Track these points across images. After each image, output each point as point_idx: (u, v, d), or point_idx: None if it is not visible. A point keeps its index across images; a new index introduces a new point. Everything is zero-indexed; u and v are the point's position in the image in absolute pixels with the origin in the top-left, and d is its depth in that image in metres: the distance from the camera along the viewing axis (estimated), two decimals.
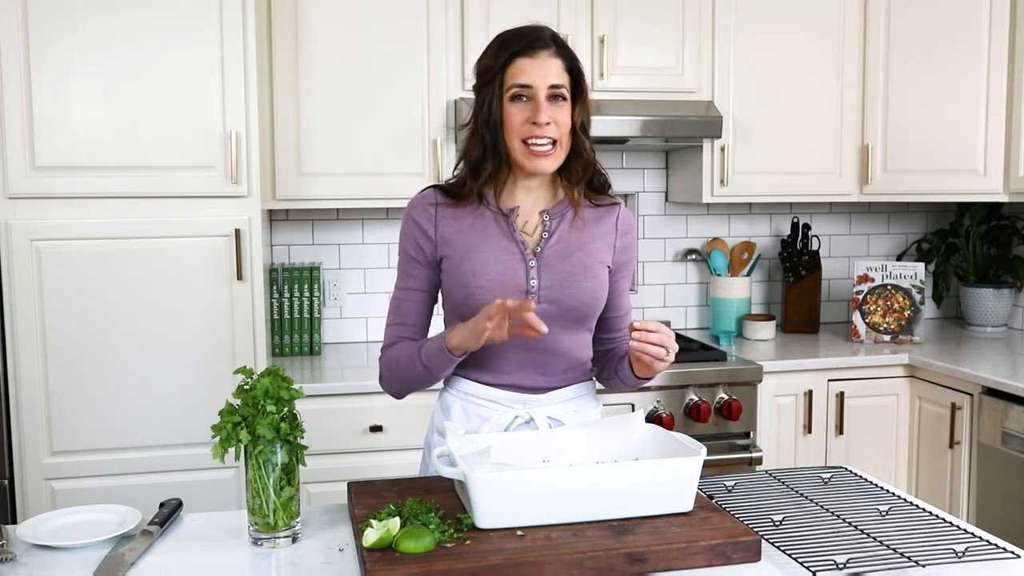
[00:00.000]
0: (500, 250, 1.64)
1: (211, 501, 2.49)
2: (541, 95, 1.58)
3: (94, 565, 1.32)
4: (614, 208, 1.75)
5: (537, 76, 1.58)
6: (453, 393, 1.72)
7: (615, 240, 1.72)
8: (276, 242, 3.17)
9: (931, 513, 1.50)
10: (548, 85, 1.58)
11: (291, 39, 2.78)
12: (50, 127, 2.41)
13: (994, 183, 3.04)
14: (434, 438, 1.75)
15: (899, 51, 3.13)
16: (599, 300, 1.69)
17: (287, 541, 1.40)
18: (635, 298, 3.46)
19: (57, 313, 2.45)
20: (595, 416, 1.75)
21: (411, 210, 1.69)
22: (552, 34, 1.62)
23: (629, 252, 1.76)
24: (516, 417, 1.66)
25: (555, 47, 1.60)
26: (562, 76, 1.60)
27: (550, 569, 1.25)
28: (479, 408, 1.68)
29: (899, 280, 3.21)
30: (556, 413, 1.68)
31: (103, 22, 2.42)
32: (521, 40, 1.59)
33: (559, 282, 1.64)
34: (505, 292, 1.60)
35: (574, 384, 1.72)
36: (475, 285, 1.62)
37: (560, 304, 1.64)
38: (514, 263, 1.63)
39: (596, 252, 1.69)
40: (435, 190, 1.70)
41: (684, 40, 3.03)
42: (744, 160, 3.12)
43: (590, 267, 1.67)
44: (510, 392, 1.67)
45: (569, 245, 1.67)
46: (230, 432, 1.36)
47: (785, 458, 2.91)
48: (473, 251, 1.64)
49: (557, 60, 1.60)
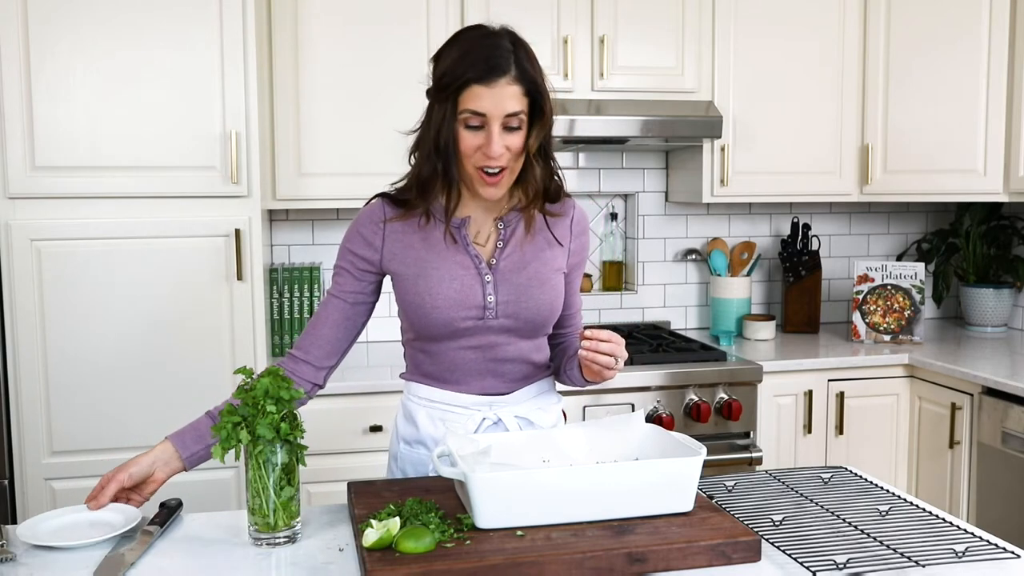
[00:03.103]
0: (455, 265, 1.61)
1: (211, 501, 2.48)
2: (495, 125, 1.50)
3: (94, 565, 1.32)
4: (567, 210, 1.71)
5: (492, 105, 1.49)
6: (415, 400, 1.70)
7: (570, 243, 1.71)
8: (276, 242, 3.17)
9: (931, 513, 1.50)
10: (504, 114, 1.50)
11: (291, 39, 2.78)
12: (50, 127, 2.41)
13: (994, 183, 3.04)
14: (400, 447, 1.74)
15: (899, 51, 3.13)
16: (556, 310, 1.68)
17: (287, 541, 1.40)
18: (635, 298, 3.46)
19: (57, 313, 2.45)
20: (557, 411, 1.76)
21: (358, 225, 1.66)
22: (513, 50, 1.51)
23: (583, 252, 1.75)
24: (484, 419, 1.66)
25: (515, 70, 1.50)
26: (520, 102, 1.51)
27: (550, 569, 1.25)
28: (444, 413, 1.67)
29: (899, 280, 3.21)
30: (523, 412, 1.69)
31: (103, 22, 2.42)
32: (478, 66, 1.48)
33: (515, 296, 1.62)
34: (460, 309, 1.59)
35: (535, 382, 1.72)
36: (430, 305, 1.60)
37: (517, 318, 1.63)
38: (469, 279, 1.61)
39: (551, 260, 1.67)
40: (383, 202, 1.65)
41: (684, 40, 3.04)
42: (744, 160, 3.12)
43: (546, 278, 1.65)
44: (474, 396, 1.67)
45: (525, 255, 1.64)
46: (230, 432, 1.36)
47: (785, 458, 2.91)
48: (426, 268, 1.60)
49: (515, 87, 1.50)
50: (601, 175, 3.40)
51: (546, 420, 1.73)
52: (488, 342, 1.63)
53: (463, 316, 1.60)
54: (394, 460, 1.76)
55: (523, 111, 1.52)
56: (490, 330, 1.62)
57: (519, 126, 1.53)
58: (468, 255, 1.62)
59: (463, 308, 1.60)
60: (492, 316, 1.61)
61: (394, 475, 1.75)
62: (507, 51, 1.51)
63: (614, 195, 3.47)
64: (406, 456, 1.72)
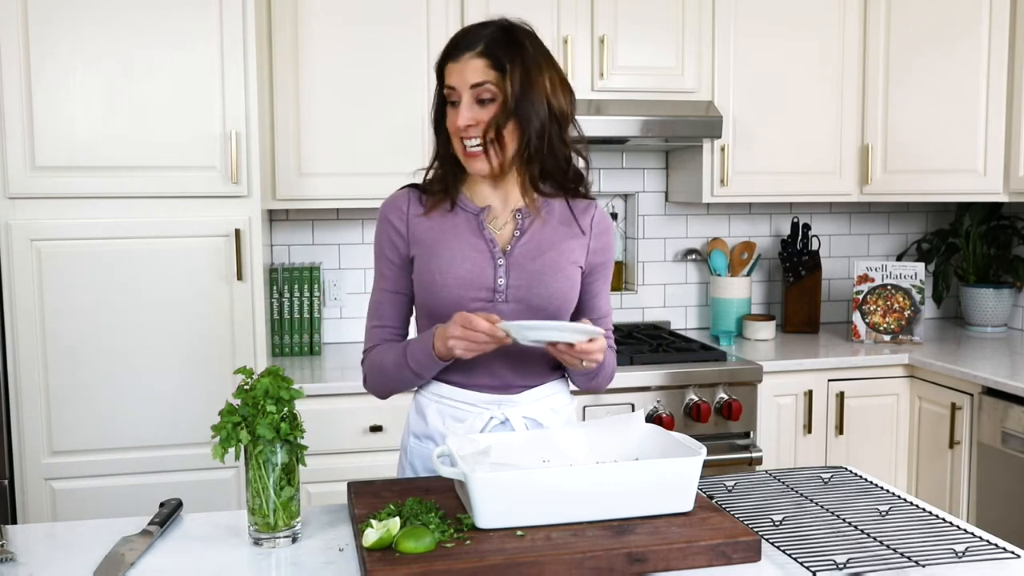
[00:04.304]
0: (468, 247, 1.63)
1: (211, 501, 2.49)
2: (464, 97, 1.57)
3: (94, 565, 1.32)
4: (589, 207, 1.72)
5: (458, 78, 1.57)
6: (427, 396, 1.71)
7: (589, 240, 1.70)
8: (276, 242, 3.17)
9: (931, 513, 1.50)
10: (469, 86, 1.56)
11: (291, 39, 2.78)
12: (50, 127, 2.42)
13: (994, 183, 3.04)
14: (410, 441, 1.74)
15: (899, 51, 3.13)
16: (568, 300, 1.67)
17: (287, 541, 1.40)
18: (635, 298, 3.46)
19: (57, 313, 2.45)
20: (568, 412, 1.75)
21: (385, 211, 1.70)
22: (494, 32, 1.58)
23: (606, 253, 1.74)
24: (491, 419, 1.65)
25: (482, 45, 1.56)
26: (486, 74, 1.56)
27: (550, 569, 1.25)
28: (453, 410, 1.67)
29: (899, 280, 3.21)
30: (532, 412, 1.68)
31: (103, 22, 2.42)
32: (449, 45, 1.60)
33: (527, 282, 1.62)
34: (470, 290, 1.60)
35: (548, 382, 1.71)
36: (440, 283, 1.61)
37: (528, 304, 1.62)
38: (482, 261, 1.62)
39: (568, 252, 1.66)
40: (409, 190, 1.71)
41: (684, 40, 3.04)
42: (744, 160, 3.12)
43: (561, 267, 1.65)
44: (484, 393, 1.66)
45: (541, 244, 1.65)
46: (230, 432, 1.36)
47: (785, 458, 2.91)
48: (441, 248, 1.63)
49: (480, 60, 1.56)
50: (601, 175, 3.40)
51: (556, 422, 1.71)
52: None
53: (472, 296, 1.60)
54: (404, 453, 1.77)
55: (490, 82, 1.56)
56: (500, 315, 1.60)
57: (491, 98, 1.56)
58: (483, 239, 1.64)
59: (472, 288, 1.61)
60: (502, 299, 1.61)
61: (404, 468, 1.76)
62: (483, 32, 1.59)
63: (614, 195, 3.47)
64: (415, 450, 1.73)
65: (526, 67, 1.57)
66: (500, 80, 1.56)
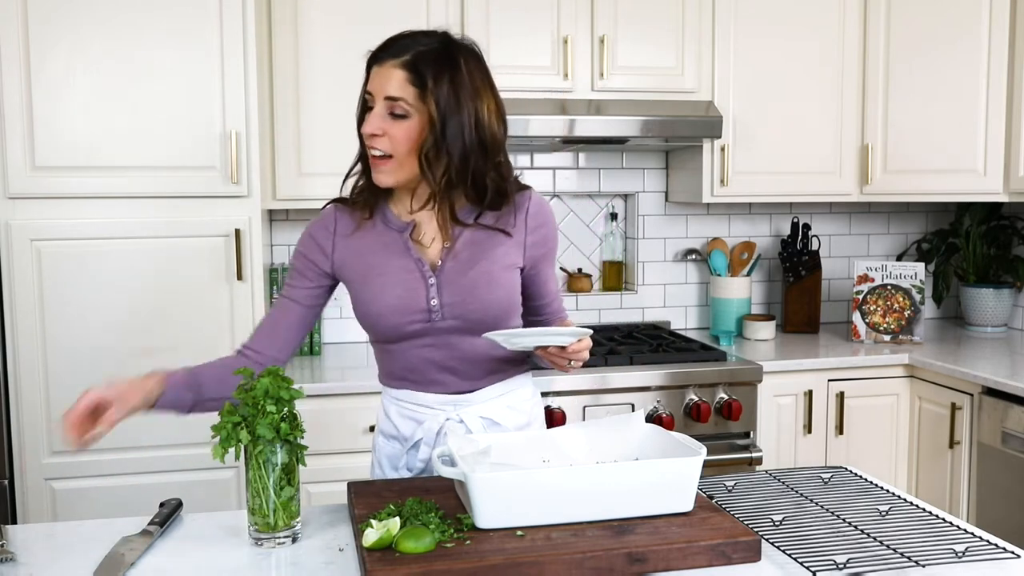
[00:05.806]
0: (398, 270, 1.59)
1: (211, 501, 2.49)
2: (377, 106, 1.52)
3: (94, 565, 1.32)
4: (523, 202, 1.63)
5: (376, 84, 1.52)
6: (387, 398, 1.73)
7: (525, 237, 1.63)
8: (276, 242, 3.17)
9: (931, 513, 1.50)
10: (383, 96, 1.51)
11: (291, 39, 2.78)
12: (50, 127, 2.42)
13: (994, 183, 3.04)
14: (379, 439, 1.76)
15: (899, 51, 3.13)
16: (509, 307, 1.63)
17: (287, 541, 1.40)
18: (635, 298, 3.46)
19: (57, 313, 2.45)
20: (530, 409, 1.74)
21: (311, 230, 1.67)
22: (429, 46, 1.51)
23: (546, 244, 1.66)
24: (447, 419, 1.65)
25: (409, 57, 1.49)
26: (403, 89, 1.49)
27: (550, 569, 1.25)
28: (411, 412, 1.68)
29: (899, 280, 3.21)
30: (487, 412, 1.67)
31: (103, 22, 2.42)
32: (383, 42, 1.54)
33: (461, 298, 1.58)
34: (405, 315, 1.58)
35: (502, 380, 1.69)
36: (376, 313, 1.60)
37: (465, 319, 1.59)
38: (413, 283, 1.59)
39: (502, 257, 1.61)
40: (336, 208, 1.67)
41: (684, 40, 3.04)
42: (744, 160, 3.12)
43: (494, 276, 1.59)
44: (438, 395, 1.66)
45: (473, 254, 1.59)
46: (230, 432, 1.36)
47: (785, 458, 2.91)
48: (371, 275, 1.60)
49: (401, 72, 1.49)
50: (601, 175, 3.40)
51: (516, 420, 1.69)
52: (443, 341, 1.62)
53: (408, 320, 1.59)
54: (374, 451, 1.79)
55: (405, 100, 1.50)
56: (441, 331, 1.60)
57: (404, 115, 1.50)
58: (411, 259, 1.60)
59: (407, 313, 1.59)
60: (439, 318, 1.59)
61: (373, 466, 1.79)
62: (419, 41, 1.53)
63: (614, 195, 3.47)
64: (382, 448, 1.75)
65: (455, 88, 1.49)
66: (418, 97, 1.49)
